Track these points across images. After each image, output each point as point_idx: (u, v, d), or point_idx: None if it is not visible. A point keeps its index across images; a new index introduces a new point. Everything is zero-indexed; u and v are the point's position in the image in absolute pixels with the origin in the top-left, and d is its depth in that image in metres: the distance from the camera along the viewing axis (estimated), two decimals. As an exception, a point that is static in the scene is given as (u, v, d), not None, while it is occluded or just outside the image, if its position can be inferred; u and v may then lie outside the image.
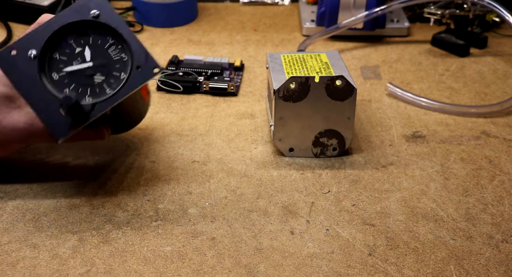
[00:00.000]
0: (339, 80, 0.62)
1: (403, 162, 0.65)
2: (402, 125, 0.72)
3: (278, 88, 0.62)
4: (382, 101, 0.77)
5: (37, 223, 0.57)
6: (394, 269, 0.52)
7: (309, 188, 0.62)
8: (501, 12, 0.76)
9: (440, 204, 0.60)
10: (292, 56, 0.69)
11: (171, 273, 0.52)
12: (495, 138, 0.69)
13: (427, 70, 0.84)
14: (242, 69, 0.84)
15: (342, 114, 0.64)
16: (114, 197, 0.60)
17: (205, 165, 0.65)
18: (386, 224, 0.57)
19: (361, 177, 0.63)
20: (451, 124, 0.72)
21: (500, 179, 0.63)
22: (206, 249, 0.54)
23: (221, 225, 0.57)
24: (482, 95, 0.78)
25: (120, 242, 0.55)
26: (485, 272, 0.52)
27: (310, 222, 0.57)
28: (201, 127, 0.71)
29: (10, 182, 0.62)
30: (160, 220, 0.58)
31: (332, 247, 0.55)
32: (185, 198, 0.60)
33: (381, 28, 0.91)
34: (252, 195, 0.61)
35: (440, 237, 0.56)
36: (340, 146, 0.66)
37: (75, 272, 0.52)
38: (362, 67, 0.85)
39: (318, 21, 0.92)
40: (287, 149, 0.66)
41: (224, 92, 0.78)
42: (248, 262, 0.53)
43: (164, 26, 0.96)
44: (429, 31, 0.93)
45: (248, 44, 0.91)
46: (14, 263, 0.53)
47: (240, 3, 1.05)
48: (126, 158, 0.66)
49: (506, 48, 0.90)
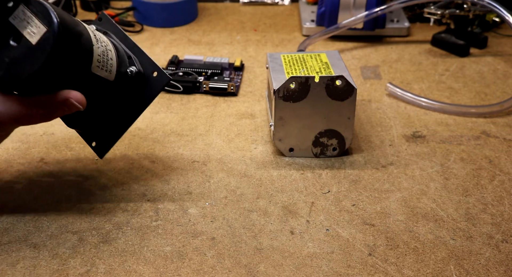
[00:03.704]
0: (339, 80, 0.62)
1: (403, 162, 0.65)
2: (402, 125, 0.72)
3: (278, 88, 0.62)
4: (382, 101, 0.77)
5: (37, 223, 0.57)
6: (394, 269, 0.52)
7: (309, 188, 0.62)
8: (501, 12, 0.76)
9: (440, 204, 0.60)
10: (292, 56, 0.69)
11: (171, 273, 0.52)
12: (495, 138, 0.69)
13: (427, 70, 0.84)
14: (242, 69, 0.84)
15: (342, 114, 0.64)
16: (114, 197, 0.60)
17: (205, 165, 0.65)
18: (386, 224, 0.57)
19: (361, 177, 0.63)
20: (451, 124, 0.72)
21: (500, 179, 0.63)
22: (206, 249, 0.54)
23: (221, 225, 0.57)
24: (482, 95, 0.78)
25: (120, 242, 0.55)
26: (485, 272, 0.52)
27: (310, 222, 0.57)
28: (201, 127, 0.71)
29: (10, 182, 0.62)
30: (160, 220, 0.58)
31: (332, 247, 0.55)
32: (185, 198, 0.60)
33: (381, 28, 0.91)
34: (252, 195, 0.61)
35: (440, 237, 0.56)
36: (340, 146, 0.66)
37: (75, 272, 0.52)
38: (362, 67, 0.85)
39: (318, 21, 0.92)
40: (287, 149, 0.66)
41: (224, 92, 0.78)
42: (248, 262, 0.53)
43: (164, 26, 0.96)
44: (429, 31, 0.93)
45: (248, 44, 0.91)
46: (14, 263, 0.53)
47: (240, 3, 1.05)
48: (126, 158, 0.66)
49: (506, 48, 0.90)
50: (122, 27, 0.95)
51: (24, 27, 0.49)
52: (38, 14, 0.49)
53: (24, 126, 0.62)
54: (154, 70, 0.57)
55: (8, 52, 0.49)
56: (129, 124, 0.58)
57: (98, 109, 0.57)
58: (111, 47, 0.56)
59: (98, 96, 0.55)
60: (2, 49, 0.49)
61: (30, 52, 0.48)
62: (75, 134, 0.69)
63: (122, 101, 0.57)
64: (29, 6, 0.49)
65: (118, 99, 0.57)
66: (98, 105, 0.56)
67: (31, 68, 0.48)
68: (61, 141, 0.69)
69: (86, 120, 0.58)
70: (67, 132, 0.70)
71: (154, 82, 0.57)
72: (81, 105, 0.52)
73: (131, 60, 0.57)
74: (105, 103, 0.56)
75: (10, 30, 0.50)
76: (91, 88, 0.53)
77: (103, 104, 0.56)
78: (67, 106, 0.51)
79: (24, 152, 0.67)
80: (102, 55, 0.53)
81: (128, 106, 0.57)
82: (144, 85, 0.57)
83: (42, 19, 0.48)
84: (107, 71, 0.54)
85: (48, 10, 0.48)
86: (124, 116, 0.58)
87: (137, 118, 0.57)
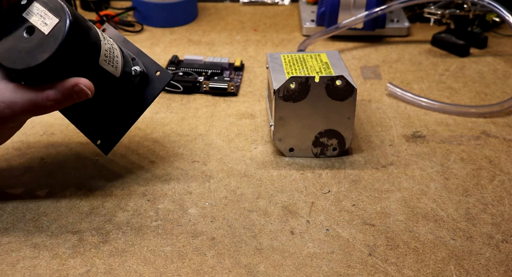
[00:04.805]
0: (339, 80, 0.62)
1: (403, 162, 0.65)
2: (402, 125, 0.72)
3: (278, 88, 0.62)
4: (382, 101, 0.77)
5: (37, 223, 0.57)
6: (394, 269, 0.52)
7: (309, 188, 0.62)
8: (501, 12, 0.76)
9: (440, 204, 0.60)
10: (292, 56, 0.69)
11: (171, 273, 0.52)
12: (495, 138, 0.69)
13: (427, 70, 0.84)
14: (242, 69, 0.84)
15: (342, 114, 0.64)
16: (114, 197, 0.60)
17: (205, 165, 0.65)
18: (386, 224, 0.57)
19: (361, 177, 0.63)
20: (451, 124, 0.72)
21: (500, 179, 0.63)
22: (206, 249, 0.54)
23: (221, 225, 0.57)
24: (482, 95, 0.78)
25: (120, 242, 0.55)
26: (485, 272, 0.52)
27: (310, 222, 0.57)
28: (201, 127, 0.71)
29: (10, 182, 0.62)
30: (160, 220, 0.58)
31: (332, 247, 0.55)
32: (185, 198, 0.60)
33: (381, 28, 0.91)
34: (252, 195, 0.61)
35: (440, 237, 0.56)
36: (340, 146, 0.66)
37: (75, 272, 0.52)
38: (362, 67, 0.85)
39: (318, 21, 0.92)
40: (287, 149, 0.66)
41: (224, 92, 0.78)
42: (248, 262, 0.53)
43: (164, 26, 0.96)
44: (429, 31, 0.93)
45: (248, 44, 0.91)
46: (14, 263, 0.53)
47: (240, 3, 1.05)
48: (126, 158, 0.66)
49: (506, 48, 0.90)
50: (122, 27, 0.95)
51: (37, 20, 0.52)
52: (50, 8, 0.52)
53: (23, 129, 0.62)
54: (157, 70, 0.60)
55: (22, 44, 0.52)
56: (133, 121, 0.60)
57: (104, 105, 0.59)
58: (116, 46, 0.58)
59: (104, 90, 0.57)
60: (16, 42, 0.52)
61: (43, 41, 0.51)
62: (75, 134, 0.69)
63: (126, 99, 0.59)
64: (41, 2, 0.53)
65: (122, 96, 0.59)
66: (104, 100, 0.58)
67: (43, 55, 0.50)
68: (61, 141, 0.69)
69: (91, 115, 0.60)
70: (67, 132, 0.70)
71: (157, 81, 0.60)
72: (89, 90, 0.53)
73: (135, 61, 0.60)
74: (111, 98, 0.58)
75: (23, 24, 0.53)
76: (98, 81, 0.55)
77: (108, 99, 0.58)
78: (76, 92, 0.53)
79: (24, 152, 0.67)
80: (108, 51, 0.56)
81: (132, 103, 0.60)
82: (147, 84, 0.60)
83: (55, 11, 0.51)
84: (113, 67, 0.56)
85: (60, 3, 0.52)
86: (128, 114, 0.60)
87: (141, 115, 0.60)
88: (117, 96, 0.59)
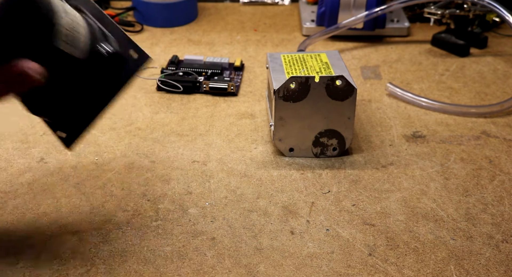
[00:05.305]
0: (339, 80, 0.62)
1: (403, 162, 0.65)
2: (402, 125, 0.72)
3: (278, 88, 0.62)
4: (382, 101, 0.77)
5: (37, 223, 0.57)
6: (394, 269, 0.52)
7: (309, 188, 0.62)
8: (501, 12, 0.76)
9: (440, 204, 0.60)
10: (292, 56, 0.69)
11: (171, 273, 0.52)
12: (495, 138, 0.69)
13: (427, 70, 0.84)
14: (242, 69, 0.84)
15: (342, 114, 0.64)
16: (114, 197, 0.60)
17: (205, 165, 0.65)
18: (386, 224, 0.57)
19: (361, 177, 0.63)
20: (451, 124, 0.72)
21: (500, 179, 0.63)
22: (206, 249, 0.54)
23: (221, 225, 0.57)
24: (482, 95, 0.78)
25: (120, 242, 0.55)
26: (485, 272, 0.52)
27: (310, 222, 0.57)
28: (201, 127, 0.71)
29: (10, 182, 0.62)
30: (160, 220, 0.58)
31: (332, 247, 0.55)
32: (185, 198, 0.60)
33: (381, 28, 0.91)
34: (252, 195, 0.61)
35: (440, 237, 0.56)
36: (340, 146, 0.66)
37: (75, 272, 0.52)
38: (362, 67, 0.85)
39: (318, 21, 0.92)
40: (287, 149, 0.66)
41: (224, 92, 0.78)
42: (248, 262, 0.53)
43: (164, 26, 0.96)
44: (429, 31, 0.93)
45: (248, 44, 0.91)
46: (14, 263, 0.53)
47: (240, 3, 1.05)
48: (126, 158, 0.66)
49: (506, 48, 0.90)
50: (122, 27, 0.95)
51: None
52: None
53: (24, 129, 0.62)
54: (134, 49, 0.52)
55: None
56: (102, 108, 0.51)
57: (66, 92, 0.50)
58: (82, 22, 0.49)
59: (65, 75, 0.48)
60: None
61: None
62: (75, 134, 0.69)
63: (95, 84, 0.51)
64: None
65: (90, 81, 0.50)
66: (65, 86, 0.49)
67: None
68: (61, 141, 0.69)
69: (53, 104, 0.51)
70: (67, 132, 0.70)
71: (132, 63, 0.52)
72: (39, 76, 0.43)
73: (107, 39, 0.51)
74: (74, 84, 0.50)
75: None
76: (56, 65, 0.46)
77: (71, 85, 0.50)
78: (20, 78, 0.43)
79: (24, 152, 0.66)
80: (69, 28, 0.46)
81: (102, 89, 0.51)
82: (122, 67, 0.52)
83: None
84: (75, 48, 0.47)
85: None
86: (97, 101, 0.52)
87: (110, 102, 0.51)
88: (82, 81, 0.49)
